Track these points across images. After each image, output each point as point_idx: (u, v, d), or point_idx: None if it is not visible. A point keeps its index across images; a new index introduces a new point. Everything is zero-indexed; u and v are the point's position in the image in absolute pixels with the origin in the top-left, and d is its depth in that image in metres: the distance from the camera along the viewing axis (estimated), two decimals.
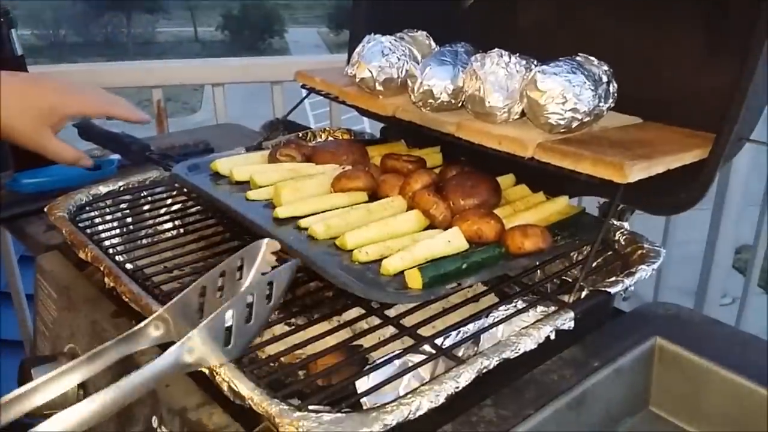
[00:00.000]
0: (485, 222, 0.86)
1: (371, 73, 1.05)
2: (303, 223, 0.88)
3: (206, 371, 0.70)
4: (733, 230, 1.92)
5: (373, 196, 0.97)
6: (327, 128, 1.38)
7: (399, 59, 1.06)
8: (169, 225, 1.07)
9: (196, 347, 0.63)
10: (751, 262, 2.01)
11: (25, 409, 0.59)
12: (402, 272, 0.79)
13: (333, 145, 1.10)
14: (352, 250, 0.82)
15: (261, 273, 0.72)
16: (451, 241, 0.84)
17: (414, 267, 0.78)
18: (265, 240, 0.73)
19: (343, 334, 0.79)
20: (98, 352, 0.63)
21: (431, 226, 0.90)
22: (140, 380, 0.60)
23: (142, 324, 0.66)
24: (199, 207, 1.07)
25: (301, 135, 1.33)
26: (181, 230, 1.06)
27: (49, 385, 0.60)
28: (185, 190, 1.08)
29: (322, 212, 0.90)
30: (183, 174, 1.01)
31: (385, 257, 0.81)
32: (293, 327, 0.80)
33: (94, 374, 0.63)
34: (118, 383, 0.59)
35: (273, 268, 0.71)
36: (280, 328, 0.80)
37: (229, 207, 0.91)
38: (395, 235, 0.86)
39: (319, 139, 1.35)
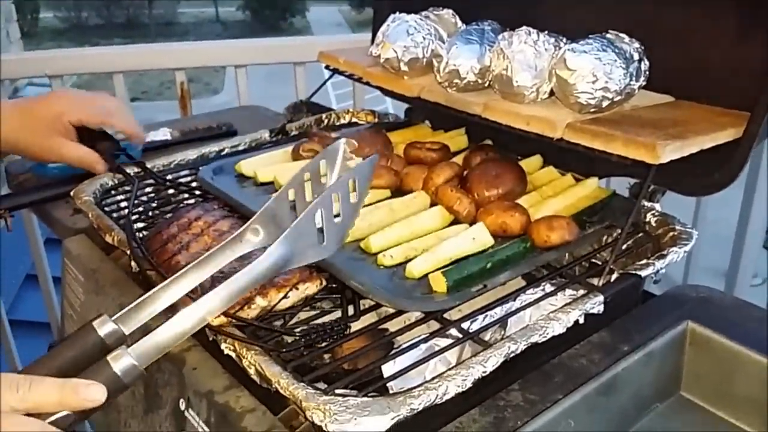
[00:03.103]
0: (510, 215, 0.85)
1: (396, 53, 1.04)
2: None
3: (233, 355, 0.70)
4: (765, 210, 1.88)
5: (397, 189, 0.97)
6: (350, 110, 1.37)
7: (424, 38, 1.04)
8: None
9: (291, 246, 0.63)
10: None
11: (143, 319, 0.61)
12: (427, 275, 0.78)
13: (355, 136, 1.09)
14: (377, 253, 0.81)
15: (343, 171, 0.73)
16: (476, 238, 0.83)
17: (438, 270, 0.77)
18: (342, 140, 0.74)
19: (369, 318, 0.79)
20: (206, 258, 0.64)
21: (456, 221, 0.89)
22: (245, 280, 0.61)
23: (237, 232, 0.66)
24: None
25: (324, 117, 1.32)
26: None
27: (165, 291, 0.62)
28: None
29: None
30: (208, 178, 1.01)
31: (410, 259, 0.80)
32: (318, 311, 0.79)
33: (203, 280, 0.64)
34: (226, 284, 0.60)
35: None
36: (305, 313, 0.80)
37: (254, 212, 0.90)
38: (419, 234, 0.85)
39: (342, 121, 1.34)
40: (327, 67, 1.21)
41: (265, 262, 0.62)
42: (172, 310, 0.61)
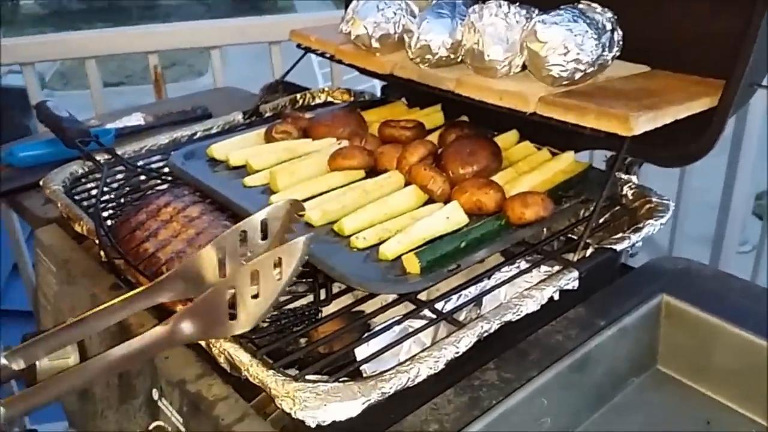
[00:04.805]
0: (484, 193, 0.83)
1: (367, 29, 1.01)
2: None
3: (202, 343, 0.69)
4: (750, 177, 1.87)
5: (372, 170, 0.95)
6: (326, 89, 1.35)
7: (395, 14, 1.02)
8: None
9: (192, 322, 0.61)
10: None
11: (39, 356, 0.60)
12: (401, 256, 0.76)
13: (329, 116, 1.07)
14: (350, 236, 0.80)
15: (284, 234, 0.69)
16: (450, 217, 0.81)
17: (411, 251, 0.76)
18: (288, 199, 0.70)
19: (345, 300, 0.77)
20: (118, 303, 0.63)
21: (430, 200, 0.87)
22: (131, 350, 0.59)
23: (158, 280, 0.64)
24: None
25: (299, 97, 1.30)
26: None
27: (68, 331, 0.61)
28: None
29: (320, 195, 0.88)
30: (179, 164, 0.98)
31: (384, 240, 0.78)
32: (291, 296, 0.78)
33: (110, 324, 0.63)
34: (110, 352, 0.58)
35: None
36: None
37: (227, 198, 0.88)
38: (393, 215, 0.83)
39: (318, 100, 1.32)
40: (299, 46, 1.19)
41: (156, 335, 0.59)
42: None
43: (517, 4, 0.89)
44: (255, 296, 0.61)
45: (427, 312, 0.73)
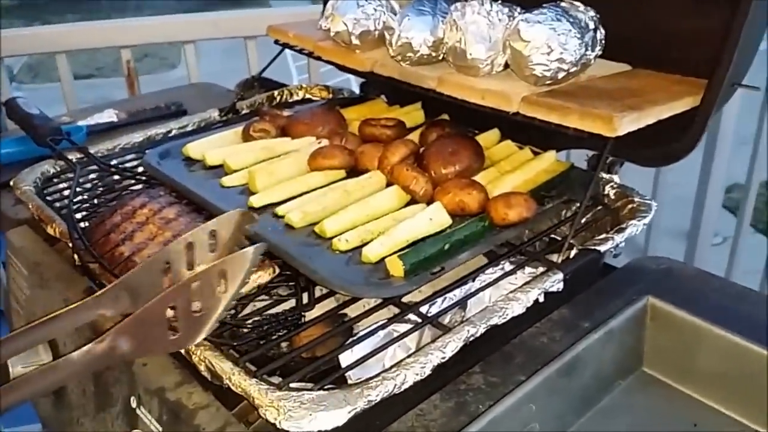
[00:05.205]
0: (467, 193, 0.83)
1: (346, 26, 1.00)
2: (279, 210, 0.84)
3: (182, 350, 0.67)
4: (725, 172, 1.89)
5: (353, 169, 0.93)
6: (304, 85, 1.33)
7: (375, 10, 1.00)
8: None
9: (129, 338, 0.57)
10: (743, 201, 1.98)
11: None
12: (384, 258, 0.75)
13: (308, 114, 1.05)
14: (332, 238, 0.78)
15: (237, 246, 0.66)
16: (433, 219, 0.80)
17: (394, 254, 0.74)
18: (239, 210, 0.69)
19: (328, 304, 0.76)
20: (59, 316, 0.59)
21: (413, 201, 0.86)
22: (68, 365, 0.56)
23: (98, 293, 0.61)
24: None
25: (276, 94, 1.28)
26: None
27: (16, 340, 0.58)
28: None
29: (299, 195, 0.87)
30: (154, 163, 0.96)
31: (366, 243, 0.77)
32: (273, 300, 0.77)
33: (54, 336, 0.61)
34: (55, 364, 0.56)
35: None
36: (261, 301, 0.77)
37: (204, 199, 0.86)
38: (375, 216, 0.82)
39: (296, 97, 1.30)
40: (277, 42, 1.17)
41: (95, 355, 0.56)
42: None
43: (500, 2, 0.88)
44: (198, 311, 0.58)
45: (411, 316, 0.72)
